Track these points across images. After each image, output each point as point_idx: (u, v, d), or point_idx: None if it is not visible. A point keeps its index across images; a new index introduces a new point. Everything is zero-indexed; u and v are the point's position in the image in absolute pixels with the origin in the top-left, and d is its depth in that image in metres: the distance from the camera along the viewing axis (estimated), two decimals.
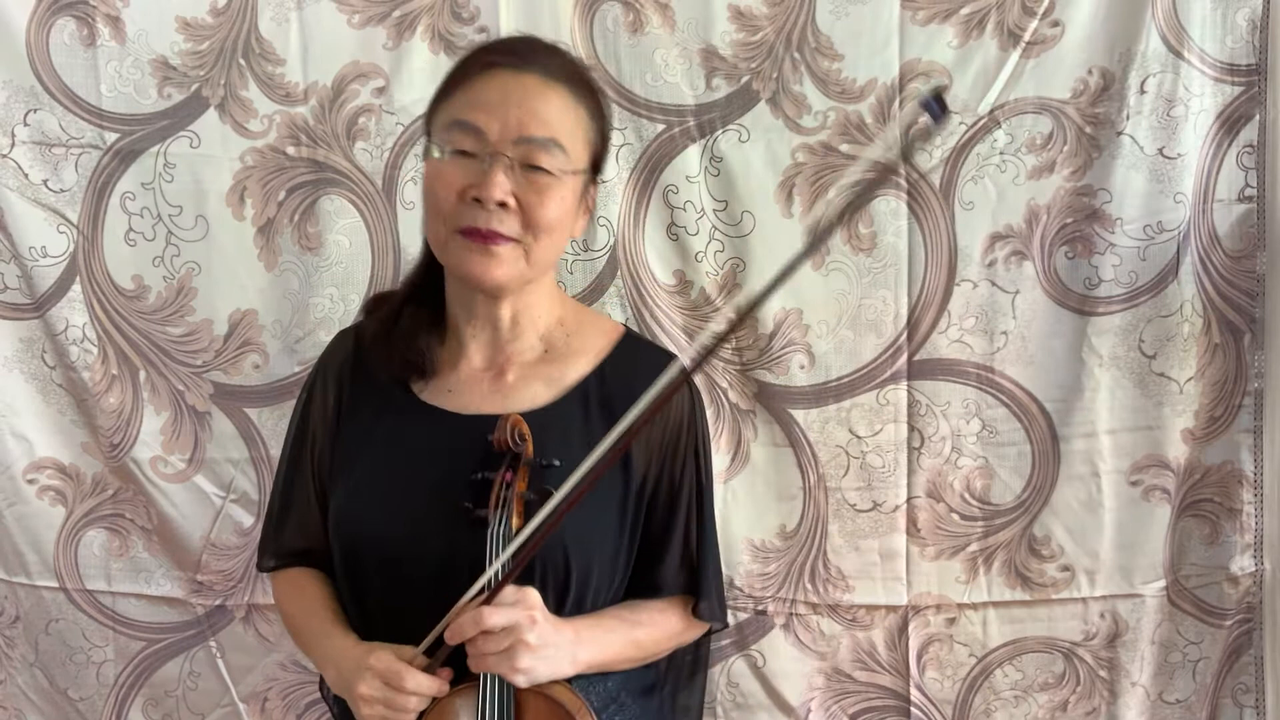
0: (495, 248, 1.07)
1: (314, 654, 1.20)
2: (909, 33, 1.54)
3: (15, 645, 1.73)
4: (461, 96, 1.09)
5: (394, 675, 1.02)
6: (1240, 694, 1.65)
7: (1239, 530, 1.61)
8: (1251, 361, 1.59)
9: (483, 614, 0.99)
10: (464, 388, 1.17)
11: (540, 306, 1.19)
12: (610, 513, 1.14)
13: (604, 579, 1.15)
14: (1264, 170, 1.55)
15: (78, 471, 1.68)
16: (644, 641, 1.18)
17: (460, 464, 1.09)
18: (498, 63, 1.09)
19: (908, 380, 1.59)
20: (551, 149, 1.07)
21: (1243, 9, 1.52)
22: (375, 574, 1.12)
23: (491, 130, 1.06)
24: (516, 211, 1.07)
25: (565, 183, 1.09)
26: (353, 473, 1.17)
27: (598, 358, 1.19)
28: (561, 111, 1.09)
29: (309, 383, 1.26)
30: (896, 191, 1.56)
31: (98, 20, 1.57)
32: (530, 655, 1.01)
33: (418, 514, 1.11)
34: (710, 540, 1.23)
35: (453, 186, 1.07)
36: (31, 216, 1.61)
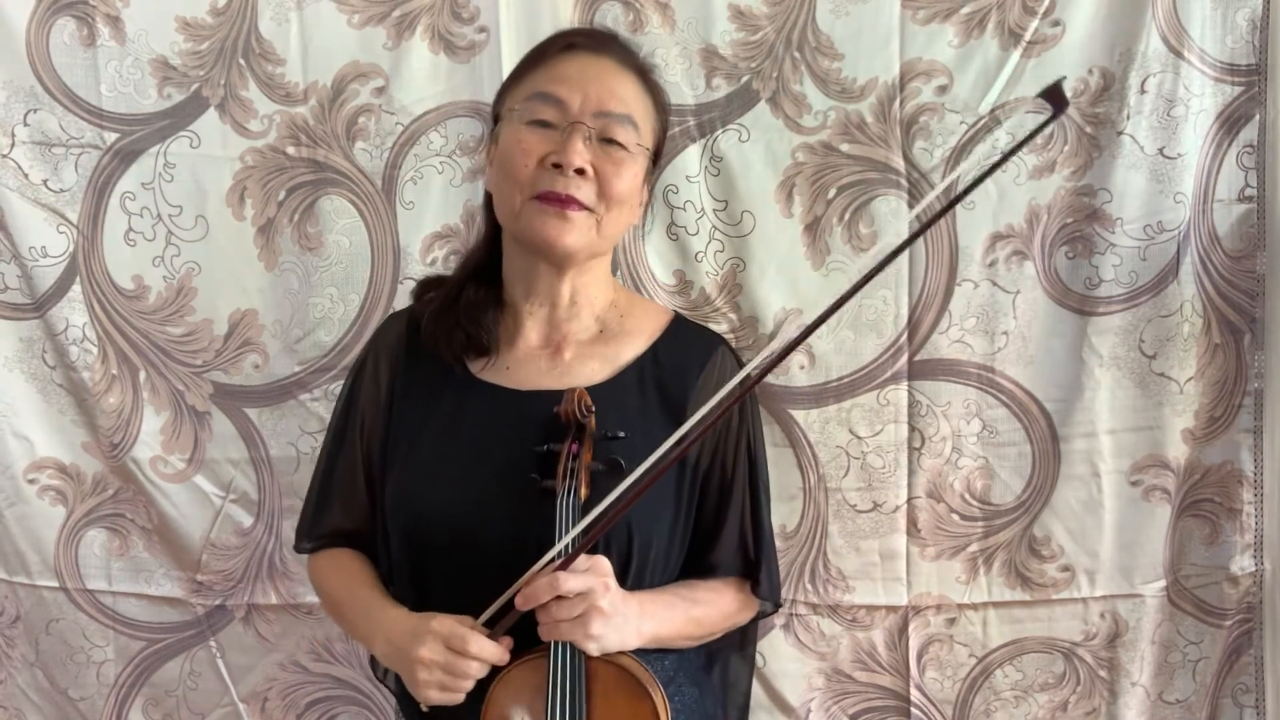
0: (571, 213, 1.12)
1: (360, 628, 1.20)
2: (909, 32, 1.54)
3: (15, 645, 1.73)
4: (544, 72, 1.16)
5: (457, 638, 1.02)
6: (1240, 694, 1.65)
7: (1239, 530, 1.61)
8: (1251, 361, 1.59)
9: (559, 578, 1.00)
10: (522, 365, 1.20)
11: (597, 286, 1.23)
12: (668, 495, 1.17)
13: (660, 556, 1.17)
14: (1264, 170, 1.55)
15: (78, 471, 1.68)
16: (702, 619, 1.20)
17: (523, 438, 1.11)
18: (579, 44, 1.17)
19: (908, 380, 1.59)
20: (627, 125, 1.14)
21: (1243, 9, 1.51)
22: (441, 551, 1.13)
23: (573, 102, 1.12)
24: (593, 180, 1.12)
25: (638, 159, 1.16)
26: (413, 451, 1.18)
27: (650, 338, 1.23)
28: (636, 94, 1.17)
29: (358, 365, 1.28)
30: (897, 191, 1.56)
31: (98, 20, 1.57)
32: (603, 622, 1.02)
33: (484, 489, 1.12)
34: (765, 522, 1.25)
35: (533, 153, 1.12)
36: (31, 216, 1.61)
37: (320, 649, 1.70)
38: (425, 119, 1.58)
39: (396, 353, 1.24)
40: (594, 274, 1.22)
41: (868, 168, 1.56)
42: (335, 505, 1.26)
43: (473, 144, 1.59)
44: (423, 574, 1.16)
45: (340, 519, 1.26)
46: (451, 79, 1.58)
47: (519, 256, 1.20)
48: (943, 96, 1.54)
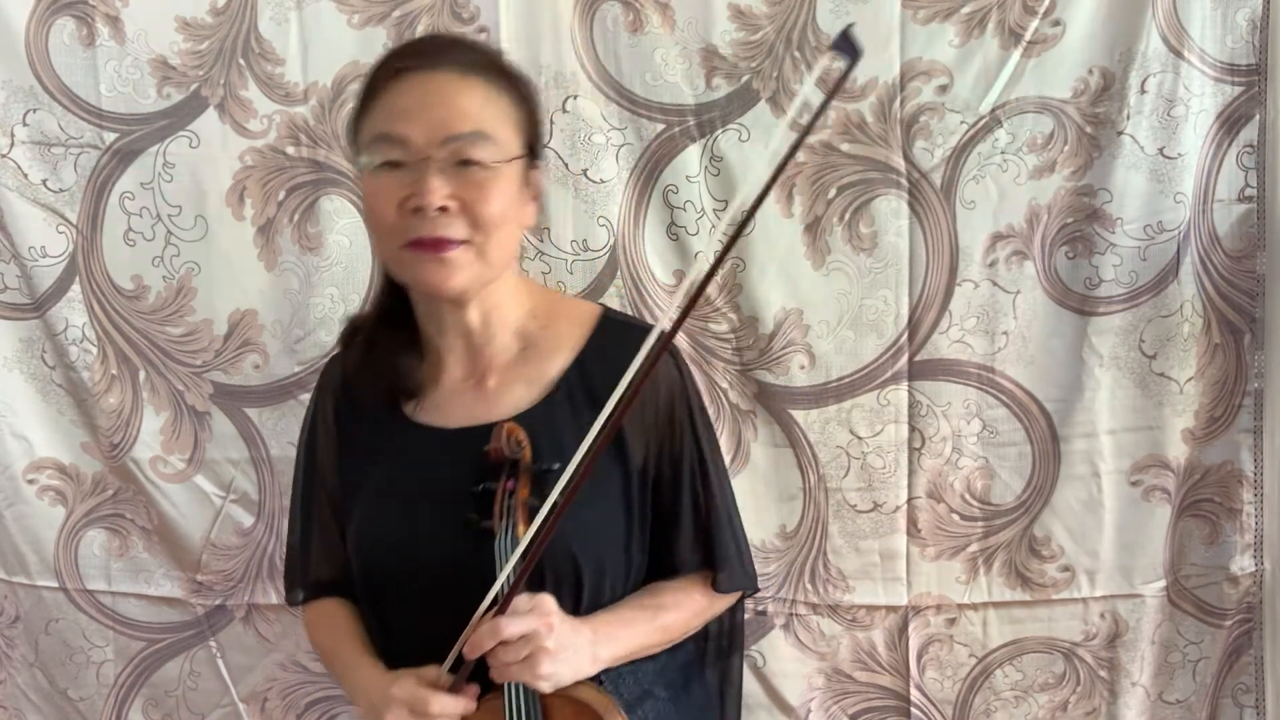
0: (446, 254, 1.05)
1: (346, 686, 1.20)
2: (910, 31, 1.54)
3: (15, 645, 1.73)
4: (379, 109, 1.07)
5: (419, 701, 1.01)
6: (1240, 694, 1.66)
7: (1239, 530, 1.61)
8: (1251, 361, 1.59)
9: (499, 625, 0.99)
10: (449, 401, 1.16)
11: (508, 304, 1.16)
12: (613, 503, 1.13)
13: (618, 571, 1.14)
14: (1264, 170, 1.55)
15: (78, 471, 1.68)
16: (670, 624, 1.17)
17: (460, 478, 1.08)
18: (408, 67, 1.07)
19: (908, 381, 1.59)
20: (479, 141, 1.05)
21: (1243, 9, 1.51)
22: (394, 599, 1.13)
23: (416, 136, 1.03)
24: (460, 213, 1.04)
25: (502, 173, 1.06)
26: (360, 501, 1.17)
27: (575, 348, 1.16)
28: (483, 102, 1.07)
29: (310, 413, 1.26)
30: (898, 191, 1.56)
31: (97, 20, 1.57)
32: (550, 660, 1.00)
33: (425, 534, 1.10)
34: (723, 509, 1.20)
35: (390, 200, 1.05)
36: (31, 216, 1.61)
37: None
38: None
39: (338, 400, 1.22)
40: (501, 293, 1.15)
41: (868, 167, 1.56)
42: (314, 554, 1.25)
43: None
44: (386, 622, 1.15)
45: (323, 568, 1.25)
46: None
47: (419, 296, 1.15)
48: (943, 96, 1.54)
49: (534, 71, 1.56)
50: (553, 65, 1.56)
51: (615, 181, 1.58)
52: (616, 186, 1.58)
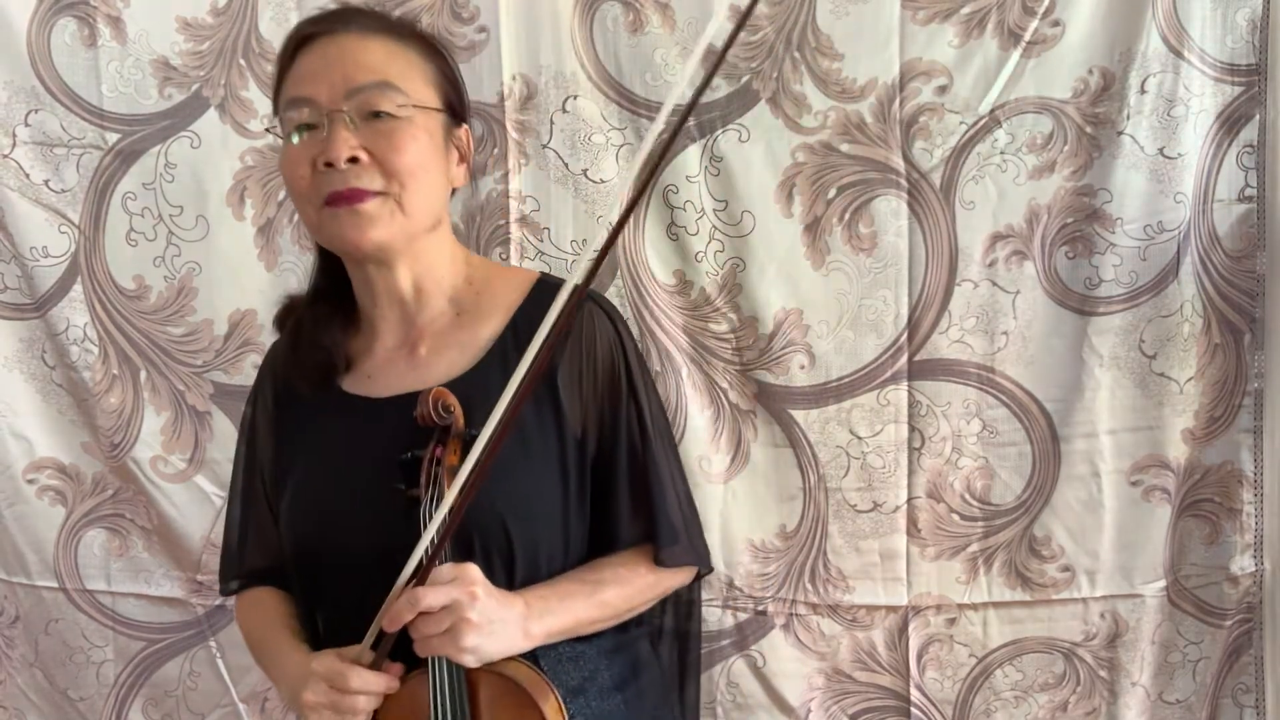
0: (362, 206, 1.04)
1: (272, 674, 1.17)
2: (909, 32, 1.54)
3: (15, 645, 1.73)
4: (289, 78, 1.08)
5: (337, 676, 0.99)
6: (1240, 694, 1.65)
7: (1239, 530, 1.61)
8: (1251, 361, 1.59)
9: (417, 594, 0.95)
10: (381, 370, 1.14)
11: (442, 268, 1.14)
12: (549, 470, 1.09)
13: (554, 543, 1.09)
14: (1264, 170, 1.55)
15: (78, 471, 1.68)
16: (611, 600, 1.11)
17: (390, 448, 1.05)
18: (313, 33, 1.08)
19: (908, 380, 1.59)
20: (386, 90, 1.04)
21: (1243, 9, 1.51)
22: (324, 575, 1.10)
23: (320, 94, 1.04)
24: (372, 164, 1.04)
25: (415, 121, 1.06)
26: (292, 477, 1.15)
27: (509, 312, 1.13)
28: (386, 56, 1.07)
29: (250, 401, 1.25)
30: (897, 191, 1.56)
31: (98, 20, 1.58)
32: (475, 633, 0.96)
33: (355, 506, 1.08)
34: (667, 479, 1.14)
35: (302, 161, 1.05)
36: (33, 217, 1.61)
37: None
38: None
39: (275, 385, 1.20)
40: (433, 255, 1.12)
41: (868, 168, 1.56)
42: (249, 542, 1.23)
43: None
44: (318, 601, 1.13)
45: (258, 557, 1.22)
46: None
47: (352, 268, 1.14)
48: (943, 96, 1.55)
49: (534, 72, 1.57)
50: (553, 65, 1.56)
51: (615, 181, 1.58)
52: (617, 186, 1.58)
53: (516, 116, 1.58)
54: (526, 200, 1.60)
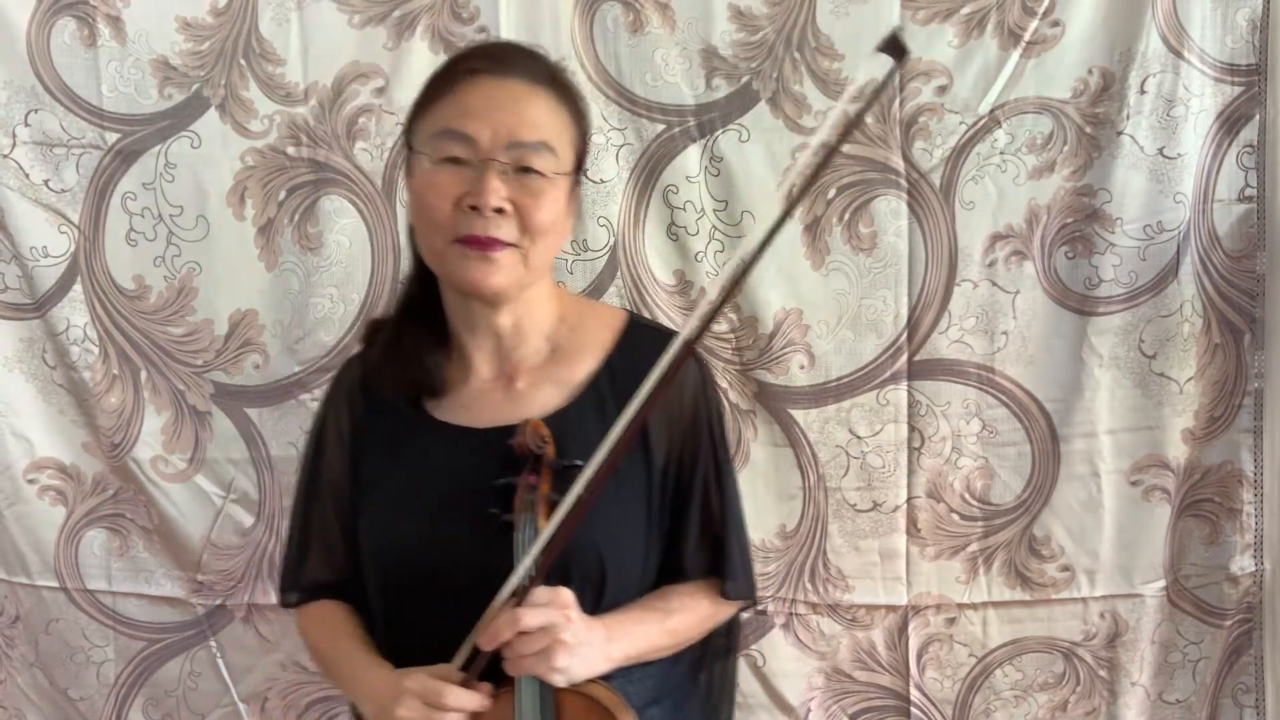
0: (494, 254, 1.07)
1: (350, 689, 1.18)
2: (909, 32, 1.53)
3: (15, 645, 1.73)
4: (448, 105, 1.09)
5: (433, 693, 1.01)
6: (1240, 694, 1.65)
7: (1239, 530, 1.61)
8: (1251, 361, 1.59)
9: (518, 615, 0.99)
10: (476, 401, 1.17)
11: (541, 309, 1.18)
12: (637, 503, 1.14)
13: (636, 574, 1.15)
14: (1264, 170, 1.55)
15: (78, 471, 1.68)
16: (677, 629, 1.17)
17: (483, 476, 1.09)
18: (481, 69, 1.10)
19: (908, 380, 1.59)
20: (542, 151, 1.08)
21: (1243, 9, 1.52)
22: (412, 596, 1.12)
23: (482, 137, 1.06)
24: (513, 216, 1.07)
25: (557, 184, 1.09)
26: (379, 499, 1.16)
27: (604, 351, 1.18)
28: (548, 114, 1.10)
29: (320, 414, 1.26)
30: (897, 191, 1.56)
31: (98, 20, 1.57)
32: (567, 654, 1.00)
33: (447, 530, 1.11)
34: (733, 518, 1.20)
35: (447, 195, 1.07)
36: (32, 216, 1.61)
37: None
38: None
39: (354, 399, 1.21)
40: (534, 299, 1.17)
41: (868, 168, 1.56)
42: (313, 557, 1.24)
43: None
44: (400, 619, 1.15)
45: (320, 571, 1.24)
46: None
47: (452, 294, 1.16)
48: (943, 96, 1.55)
49: None
50: None
51: (615, 181, 1.58)
52: (616, 186, 1.58)
53: None
54: None
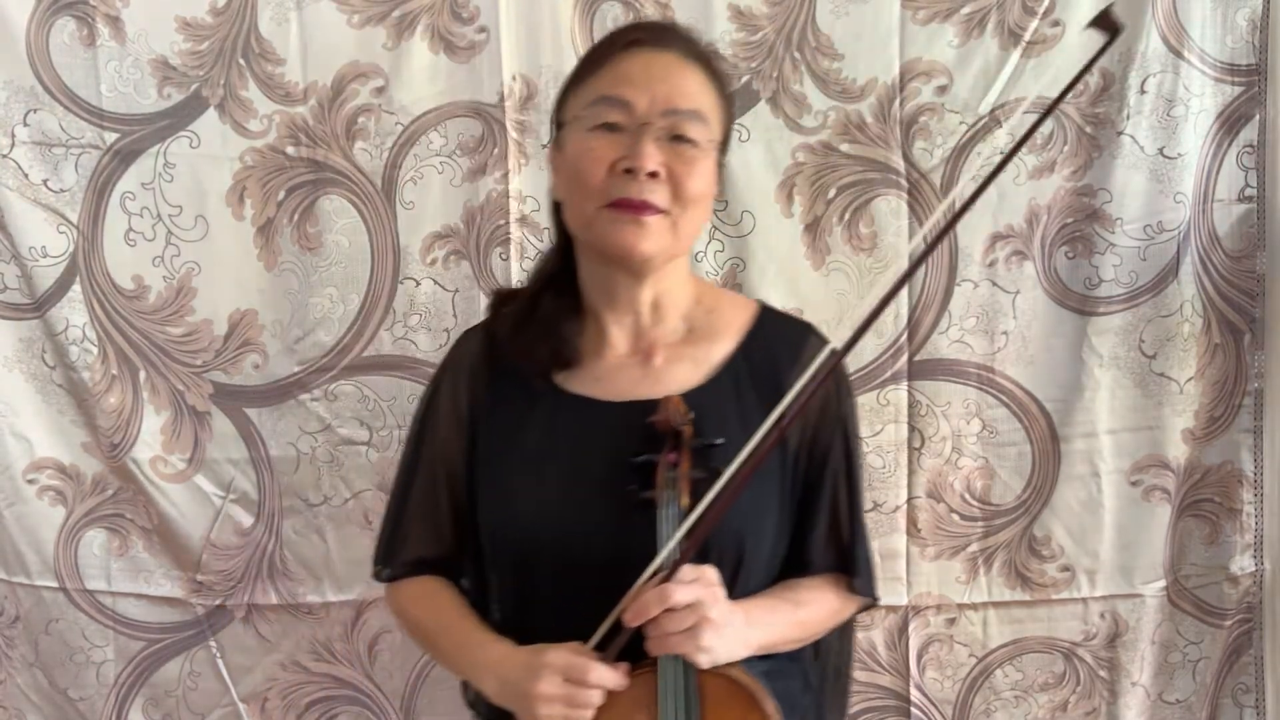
0: (646, 218, 1.08)
1: (463, 664, 1.17)
2: (909, 32, 1.54)
3: (15, 645, 1.73)
4: (605, 74, 1.11)
5: (576, 669, 1.00)
6: (1240, 694, 1.66)
7: (1239, 530, 1.61)
8: (1251, 361, 1.59)
9: (669, 590, 0.98)
10: (612, 374, 1.16)
11: (680, 287, 1.19)
12: (772, 489, 1.14)
13: (766, 562, 1.14)
14: (1264, 170, 1.55)
15: (78, 471, 1.68)
16: (807, 621, 1.16)
17: (620, 450, 1.08)
18: (641, 40, 1.12)
19: (908, 380, 1.59)
20: (696, 120, 1.09)
21: (1243, 9, 1.52)
22: (544, 570, 1.11)
23: (640, 102, 1.08)
24: (665, 182, 1.07)
25: (709, 154, 1.11)
26: (508, 471, 1.15)
27: (740, 334, 1.18)
28: (702, 87, 1.12)
29: (432, 385, 1.24)
30: (898, 191, 1.56)
31: (97, 20, 1.57)
32: (714, 633, 0.99)
33: (584, 504, 1.10)
34: (860, 513, 1.20)
35: (603, 159, 1.08)
36: (31, 216, 1.61)
37: (320, 649, 1.70)
38: (425, 119, 1.58)
39: (476, 370, 1.20)
40: (675, 276, 1.17)
41: (868, 168, 1.56)
42: (414, 532, 1.23)
43: (472, 144, 1.59)
44: (527, 594, 1.14)
45: (421, 546, 1.23)
46: (451, 79, 1.58)
47: (595, 266, 1.16)
48: (943, 96, 1.55)
49: (534, 72, 1.57)
50: (553, 65, 1.56)
51: None
52: None
53: (516, 116, 1.58)
54: (526, 200, 1.59)
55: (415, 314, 1.62)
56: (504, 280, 1.60)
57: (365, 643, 1.69)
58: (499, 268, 1.60)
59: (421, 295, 1.61)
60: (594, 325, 1.18)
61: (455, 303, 1.61)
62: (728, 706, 1.02)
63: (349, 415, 1.64)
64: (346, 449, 1.64)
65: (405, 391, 1.63)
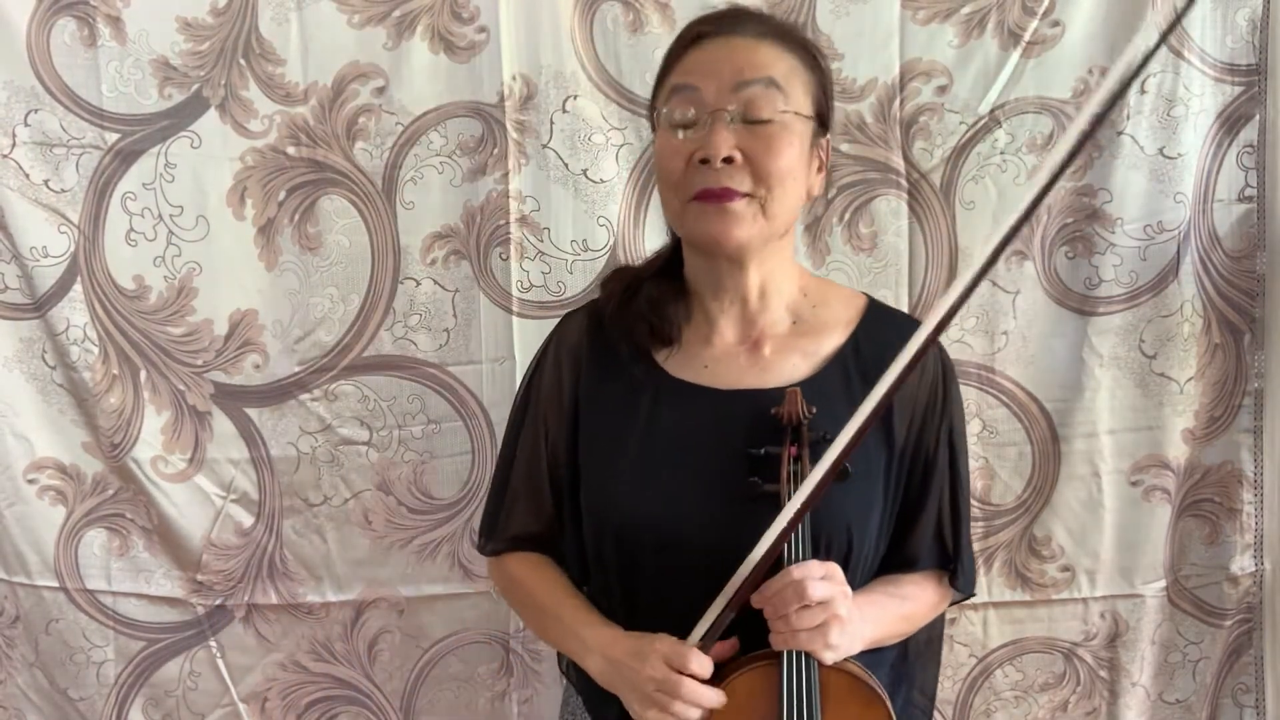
0: (730, 205, 1.07)
1: (569, 642, 1.17)
2: (909, 32, 1.54)
3: (15, 645, 1.73)
4: (676, 70, 1.11)
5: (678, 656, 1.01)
6: (1240, 694, 1.65)
7: (1239, 530, 1.61)
8: (1251, 361, 1.59)
9: (806, 586, 0.98)
10: (720, 363, 1.15)
11: (784, 276, 1.17)
12: (878, 483, 1.13)
13: (872, 552, 1.13)
14: (1264, 170, 1.55)
15: (78, 471, 1.68)
16: (911, 615, 1.17)
17: (732, 440, 1.08)
18: (706, 32, 1.11)
19: None
20: (768, 88, 1.07)
21: (1243, 9, 1.52)
22: (650, 556, 1.10)
23: (708, 89, 1.07)
24: (745, 165, 1.06)
25: (790, 127, 1.08)
26: (614, 454, 1.14)
27: (849, 327, 1.17)
28: (773, 57, 1.09)
29: (535, 363, 1.24)
30: (897, 191, 1.56)
31: (98, 20, 1.57)
32: (840, 630, 0.99)
33: (695, 492, 1.09)
34: (964, 511, 1.19)
35: (680, 154, 1.08)
36: (32, 216, 1.61)
37: (320, 649, 1.70)
38: (425, 119, 1.58)
39: (579, 351, 1.20)
40: (777, 261, 1.15)
41: (868, 168, 1.56)
42: (519, 507, 1.23)
43: (472, 144, 1.59)
44: (630, 579, 1.13)
45: (525, 521, 1.23)
46: (451, 79, 1.58)
47: (699, 258, 1.16)
48: (943, 96, 1.55)
49: (534, 72, 1.57)
50: (553, 65, 1.56)
51: (615, 181, 1.58)
52: (616, 186, 1.58)
53: (516, 116, 1.58)
54: (526, 200, 1.59)
55: (415, 314, 1.62)
56: (504, 280, 1.60)
57: (365, 643, 1.70)
58: (499, 268, 1.61)
59: (422, 295, 1.61)
60: (701, 314, 1.17)
61: (455, 303, 1.62)
62: (847, 702, 1.02)
63: (349, 415, 1.64)
64: (347, 449, 1.65)
65: (405, 392, 1.63)
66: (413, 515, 1.65)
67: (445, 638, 1.68)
